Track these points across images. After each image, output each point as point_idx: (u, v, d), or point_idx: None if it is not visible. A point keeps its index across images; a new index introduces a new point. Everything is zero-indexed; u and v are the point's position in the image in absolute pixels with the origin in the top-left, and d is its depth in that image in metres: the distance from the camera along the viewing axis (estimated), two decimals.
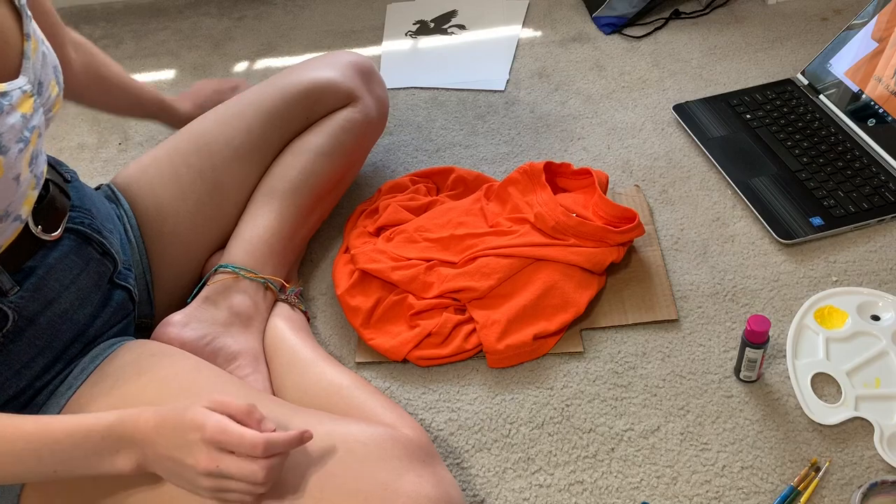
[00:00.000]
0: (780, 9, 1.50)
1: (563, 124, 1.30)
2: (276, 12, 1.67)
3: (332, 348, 1.00)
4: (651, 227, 1.10)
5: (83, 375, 0.74)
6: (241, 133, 0.99)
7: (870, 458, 0.83)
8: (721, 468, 0.84)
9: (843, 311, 0.96)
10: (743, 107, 1.26)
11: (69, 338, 0.76)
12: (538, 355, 0.96)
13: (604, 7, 1.52)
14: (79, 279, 0.78)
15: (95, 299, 0.80)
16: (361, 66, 1.09)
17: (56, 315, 0.75)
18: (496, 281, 0.98)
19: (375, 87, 1.10)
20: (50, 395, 0.73)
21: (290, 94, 1.01)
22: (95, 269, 0.80)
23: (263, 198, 0.99)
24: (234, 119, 0.99)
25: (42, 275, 0.74)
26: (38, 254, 0.74)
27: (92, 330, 0.79)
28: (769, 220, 1.08)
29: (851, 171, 1.12)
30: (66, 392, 0.73)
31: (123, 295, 0.84)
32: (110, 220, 0.86)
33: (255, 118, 1.00)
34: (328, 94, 1.03)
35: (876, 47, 1.20)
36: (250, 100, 1.01)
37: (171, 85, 1.50)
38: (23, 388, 0.72)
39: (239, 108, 1.00)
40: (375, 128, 1.10)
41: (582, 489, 0.84)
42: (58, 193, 0.77)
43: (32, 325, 0.73)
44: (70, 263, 0.77)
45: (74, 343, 0.77)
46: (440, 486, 0.69)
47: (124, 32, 1.67)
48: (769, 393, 0.90)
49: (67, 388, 0.74)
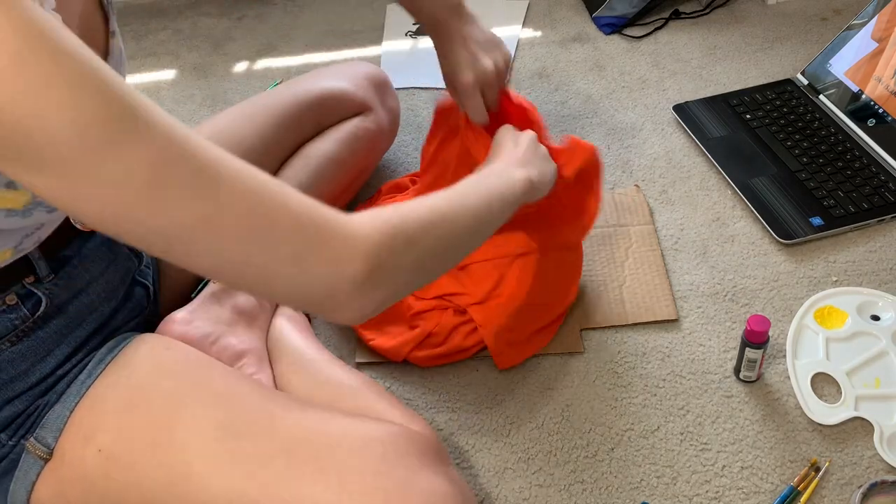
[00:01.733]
0: (780, 9, 1.50)
1: (563, 124, 1.30)
2: (276, 12, 1.67)
3: (332, 348, 1.00)
4: (651, 227, 1.10)
5: (101, 366, 0.75)
6: (253, 135, 1.00)
7: (870, 458, 0.83)
8: (721, 468, 0.84)
9: (843, 311, 0.96)
10: (743, 107, 1.26)
11: (92, 329, 0.77)
12: (542, 345, 0.96)
13: (604, 7, 1.52)
14: (107, 272, 0.79)
15: (120, 293, 0.81)
16: (376, 77, 1.12)
17: (84, 305, 0.76)
18: (491, 285, 0.98)
19: (388, 99, 1.14)
20: (69, 384, 0.74)
21: (304, 100, 1.03)
22: (123, 263, 0.81)
23: None
24: (246, 121, 1.00)
25: (76, 264, 0.75)
26: (73, 243, 0.75)
27: (113, 323, 0.80)
28: (769, 220, 1.08)
29: (851, 171, 1.12)
30: (86, 380, 0.74)
31: (142, 292, 0.85)
32: None
33: (266, 121, 1.01)
34: (342, 103, 1.06)
35: (876, 47, 1.20)
36: (264, 103, 1.03)
37: (170, 85, 1.50)
38: (45, 376, 0.73)
39: (252, 111, 1.02)
40: (386, 138, 1.13)
41: (582, 489, 0.84)
42: None
43: (61, 312, 0.74)
44: (101, 255, 0.78)
45: (96, 334, 0.78)
46: (455, 484, 0.70)
47: (124, 32, 1.67)
48: (769, 393, 0.90)
49: (87, 376, 0.74)
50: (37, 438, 0.71)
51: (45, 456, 0.71)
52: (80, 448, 0.70)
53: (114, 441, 0.70)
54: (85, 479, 0.70)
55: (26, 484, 0.71)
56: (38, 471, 0.71)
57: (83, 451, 0.70)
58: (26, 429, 0.72)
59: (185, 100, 1.45)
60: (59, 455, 0.71)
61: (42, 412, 0.72)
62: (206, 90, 1.46)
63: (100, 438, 0.70)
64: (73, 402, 0.72)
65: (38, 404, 0.72)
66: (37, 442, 0.71)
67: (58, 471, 0.71)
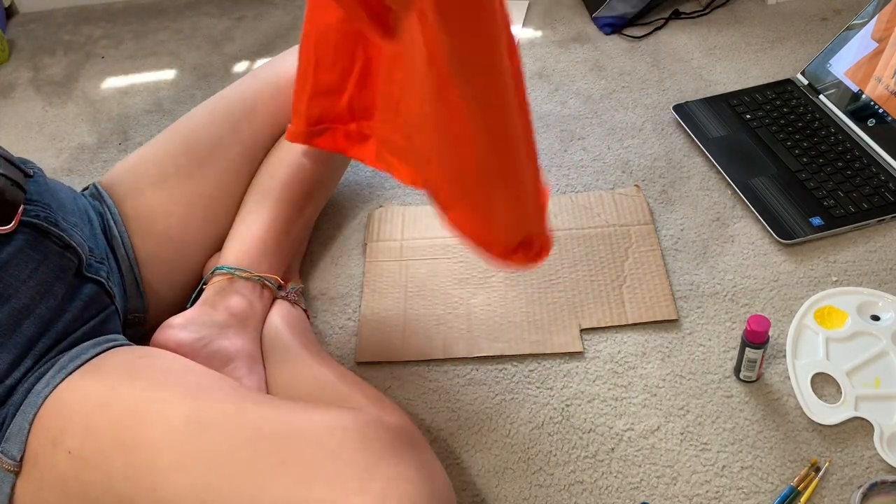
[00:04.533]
0: (780, 9, 1.50)
1: (563, 124, 1.30)
2: (276, 12, 1.67)
3: (333, 348, 1.00)
4: (651, 226, 1.10)
5: (61, 374, 0.74)
6: (229, 132, 0.99)
7: (870, 458, 0.83)
8: (721, 468, 0.84)
9: (843, 311, 0.96)
10: (743, 107, 1.26)
11: (33, 332, 0.76)
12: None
13: (604, 7, 1.52)
14: (37, 272, 0.77)
15: (59, 292, 0.79)
16: None
17: (16, 310, 0.74)
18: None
19: None
20: (26, 394, 0.73)
21: (279, 88, 1.01)
22: (56, 262, 0.80)
23: (255, 196, 0.99)
24: (221, 117, 0.99)
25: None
26: None
27: (60, 324, 0.78)
28: (769, 220, 1.08)
29: (851, 171, 1.12)
30: (44, 390, 0.73)
31: (95, 288, 0.84)
32: (76, 214, 0.86)
33: (242, 115, 0.99)
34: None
35: (876, 47, 1.20)
36: (237, 96, 1.01)
37: (170, 85, 1.50)
38: None
39: (226, 105, 1.00)
40: None
41: (582, 489, 0.84)
42: (8, 186, 0.77)
43: None
44: (25, 257, 0.77)
45: (42, 338, 0.76)
46: (422, 470, 0.68)
47: (124, 32, 1.67)
48: (769, 393, 0.90)
49: (45, 385, 0.73)
50: (3, 452, 0.71)
51: (14, 468, 0.70)
52: (51, 453, 0.70)
53: (82, 443, 0.69)
54: (60, 482, 0.70)
55: (2, 498, 0.71)
56: (12, 483, 0.71)
57: (53, 456, 0.70)
58: None
59: (186, 100, 1.45)
60: (31, 462, 0.70)
61: (3, 425, 0.72)
62: (206, 90, 1.46)
63: (68, 442, 0.70)
64: (32, 413, 0.71)
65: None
66: (3, 455, 0.71)
67: (33, 477, 0.70)
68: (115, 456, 0.69)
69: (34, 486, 0.71)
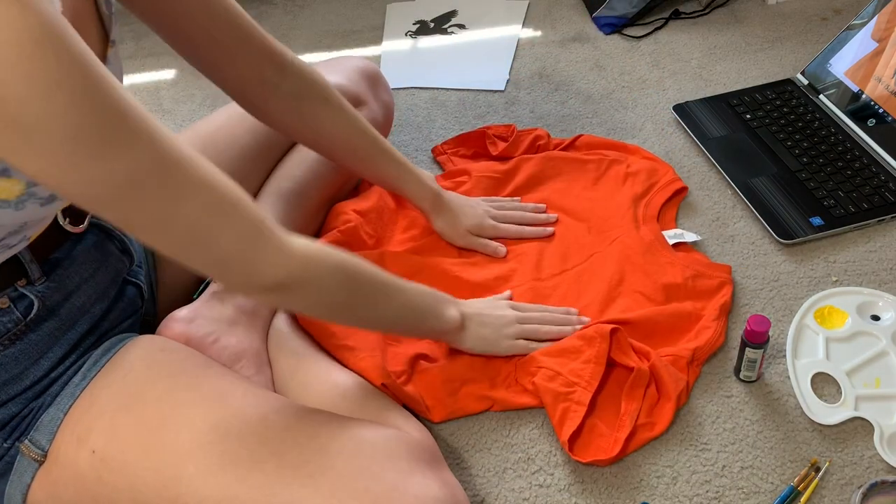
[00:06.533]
0: (780, 9, 1.50)
1: (563, 124, 1.30)
2: (276, 12, 1.67)
3: None
4: None
5: (96, 367, 0.75)
6: (247, 133, 0.99)
7: (870, 458, 0.83)
8: (721, 468, 0.84)
9: (843, 311, 0.96)
10: (743, 107, 1.26)
11: (84, 330, 0.77)
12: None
13: (604, 7, 1.52)
14: (98, 273, 0.79)
15: (111, 294, 0.81)
16: (368, 71, 1.11)
17: (75, 307, 0.76)
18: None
19: (381, 93, 1.12)
20: (64, 386, 0.74)
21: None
22: (114, 265, 0.81)
23: (269, 197, 0.99)
24: (240, 119, 0.99)
25: (67, 266, 0.75)
26: (64, 245, 0.75)
27: (105, 323, 0.80)
28: (769, 220, 1.08)
29: (851, 171, 1.12)
30: (80, 382, 0.74)
31: (135, 291, 0.85)
32: None
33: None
34: None
35: (876, 47, 1.20)
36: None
37: (170, 85, 1.50)
38: (39, 378, 0.73)
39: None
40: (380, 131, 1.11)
41: (582, 489, 0.84)
42: None
43: (53, 315, 0.74)
44: (91, 257, 0.78)
45: (88, 335, 0.78)
46: (446, 488, 0.69)
47: (124, 32, 1.67)
48: (769, 393, 0.90)
49: (81, 378, 0.74)
50: (31, 441, 0.71)
51: (40, 458, 0.71)
52: (74, 450, 0.70)
53: (107, 443, 0.70)
54: (78, 480, 0.70)
55: (21, 486, 0.71)
56: (33, 473, 0.71)
57: (77, 453, 0.70)
58: (21, 431, 0.72)
59: (186, 100, 1.45)
60: (53, 457, 0.71)
61: (37, 414, 0.72)
62: (206, 90, 1.46)
63: (93, 440, 0.70)
64: (68, 405, 0.72)
65: (32, 407, 0.72)
66: (31, 444, 0.71)
67: (52, 472, 0.71)
68: (140, 460, 0.69)
69: (51, 481, 0.71)
